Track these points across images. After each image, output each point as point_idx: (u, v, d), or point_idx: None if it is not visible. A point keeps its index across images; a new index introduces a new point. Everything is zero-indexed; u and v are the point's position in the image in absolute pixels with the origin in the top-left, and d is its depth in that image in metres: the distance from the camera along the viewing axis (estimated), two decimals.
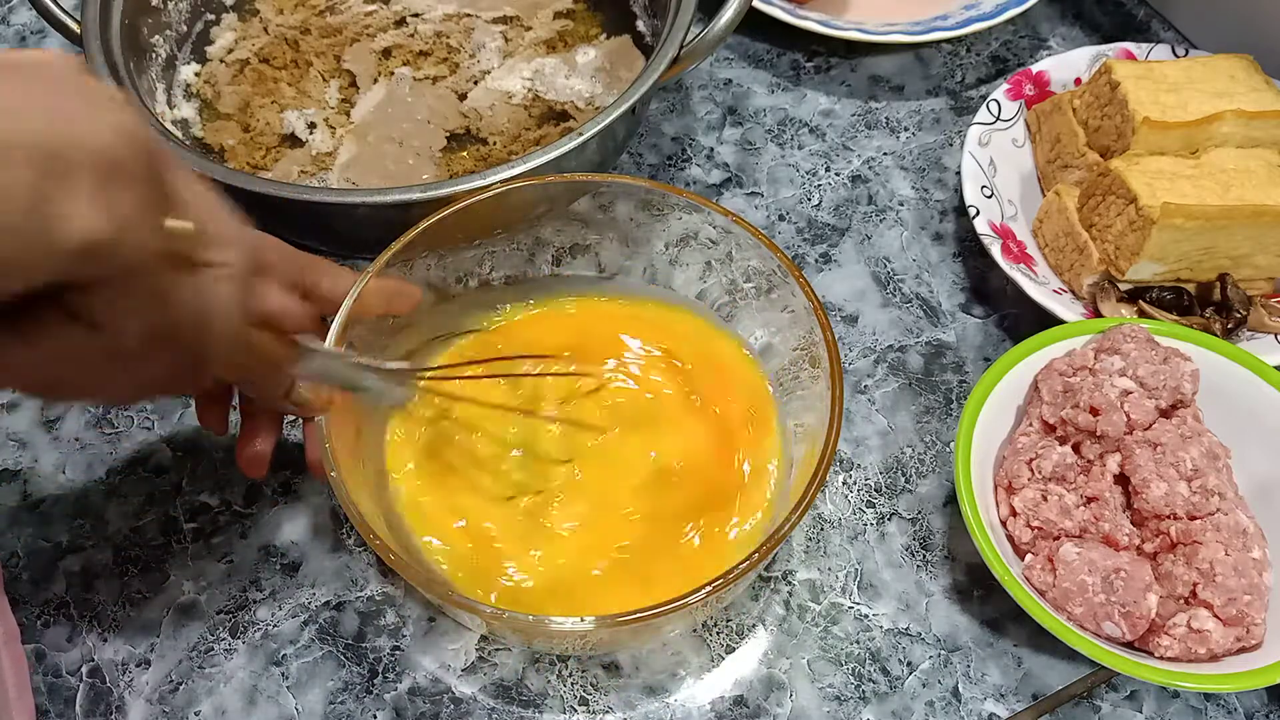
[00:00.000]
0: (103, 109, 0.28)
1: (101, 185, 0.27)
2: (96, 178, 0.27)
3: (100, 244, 0.27)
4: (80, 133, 0.27)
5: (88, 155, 0.27)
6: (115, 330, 0.30)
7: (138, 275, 0.29)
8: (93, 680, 0.50)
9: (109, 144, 0.27)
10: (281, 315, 0.40)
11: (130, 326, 0.30)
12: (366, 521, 0.42)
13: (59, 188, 0.26)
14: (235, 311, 0.34)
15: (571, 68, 0.70)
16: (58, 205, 0.26)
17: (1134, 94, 0.60)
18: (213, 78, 0.70)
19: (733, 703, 0.49)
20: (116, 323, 0.30)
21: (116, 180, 0.27)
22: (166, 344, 0.32)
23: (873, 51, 0.75)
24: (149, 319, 0.30)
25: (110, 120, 0.28)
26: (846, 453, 0.57)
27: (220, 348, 0.34)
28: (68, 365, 0.30)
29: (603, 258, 0.57)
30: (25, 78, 0.27)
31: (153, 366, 0.32)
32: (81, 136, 0.27)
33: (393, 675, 0.50)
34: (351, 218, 0.58)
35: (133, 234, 0.28)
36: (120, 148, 0.27)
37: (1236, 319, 0.57)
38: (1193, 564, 0.46)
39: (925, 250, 0.65)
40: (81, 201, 0.26)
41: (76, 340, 0.29)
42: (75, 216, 0.26)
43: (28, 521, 0.55)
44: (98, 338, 0.30)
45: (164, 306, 0.31)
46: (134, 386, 0.34)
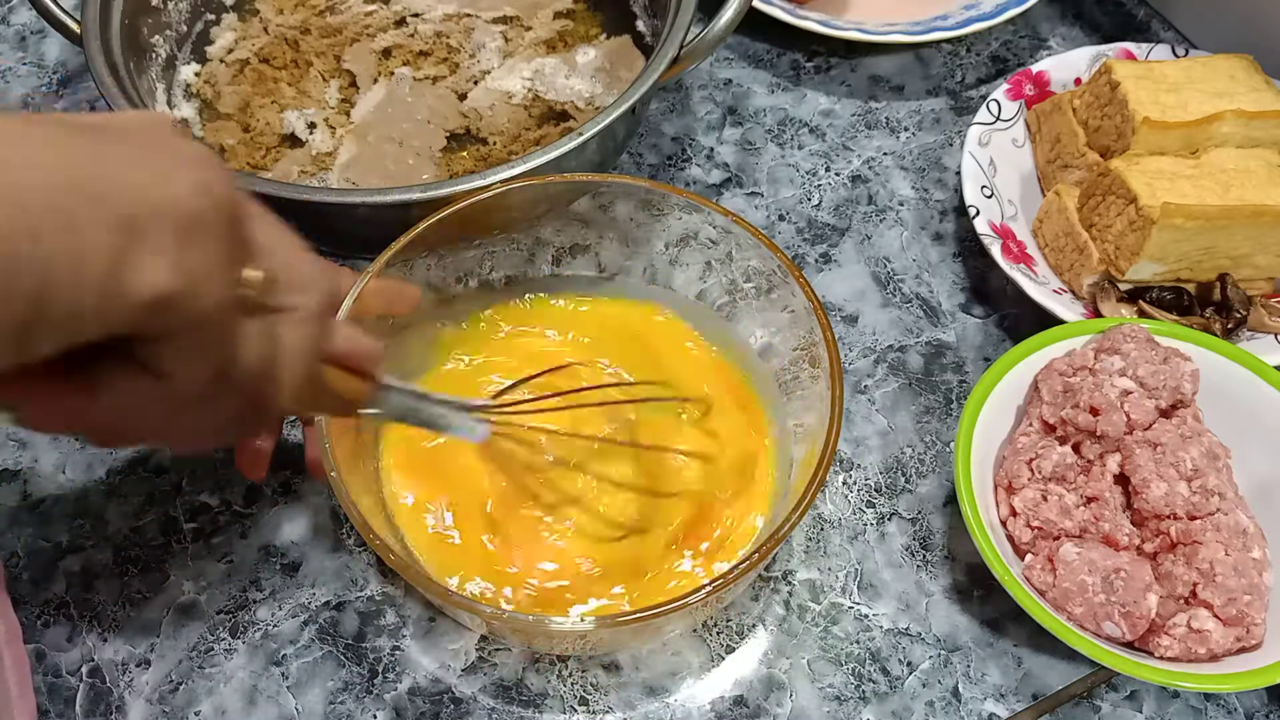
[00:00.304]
0: (186, 167, 0.29)
1: (177, 242, 0.27)
2: (173, 235, 0.27)
3: (170, 298, 0.27)
4: (161, 191, 0.27)
5: (166, 213, 0.27)
6: (182, 380, 0.30)
7: (207, 327, 0.29)
8: (93, 680, 0.50)
9: (188, 202, 0.28)
10: (358, 354, 0.40)
11: (197, 376, 0.30)
12: (366, 521, 0.42)
13: (136, 244, 0.26)
14: (307, 355, 0.34)
15: (571, 68, 0.70)
16: (132, 260, 0.26)
17: (1134, 94, 0.60)
18: (213, 78, 0.70)
19: (733, 703, 0.49)
20: (183, 373, 0.30)
21: (193, 237, 0.28)
22: (234, 391, 0.32)
23: (873, 51, 0.74)
24: (216, 368, 0.31)
25: (191, 178, 0.28)
26: (846, 453, 0.57)
27: (290, 390, 0.34)
28: (133, 413, 0.31)
29: (603, 258, 0.57)
30: (113, 139, 0.28)
31: (220, 413, 0.33)
32: (162, 194, 0.27)
33: (393, 675, 0.50)
34: (351, 218, 0.58)
35: (204, 288, 0.28)
36: (199, 205, 0.28)
37: (1236, 319, 0.57)
38: (1193, 564, 0.46)
39: (925, 250, 0.65)
40: (156, 257, 0.27)
41: (143, 390, 0.30)
42: (148, 272, 0.27)
43: (28, 521, 0.55)
44: (164, 387, 0.30)
45: (232, 355, 0.31)
46: (200, 431, 0.34)
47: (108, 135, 0.28)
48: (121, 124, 0.29)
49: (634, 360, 0.55)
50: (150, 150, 0.28)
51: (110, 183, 0.27)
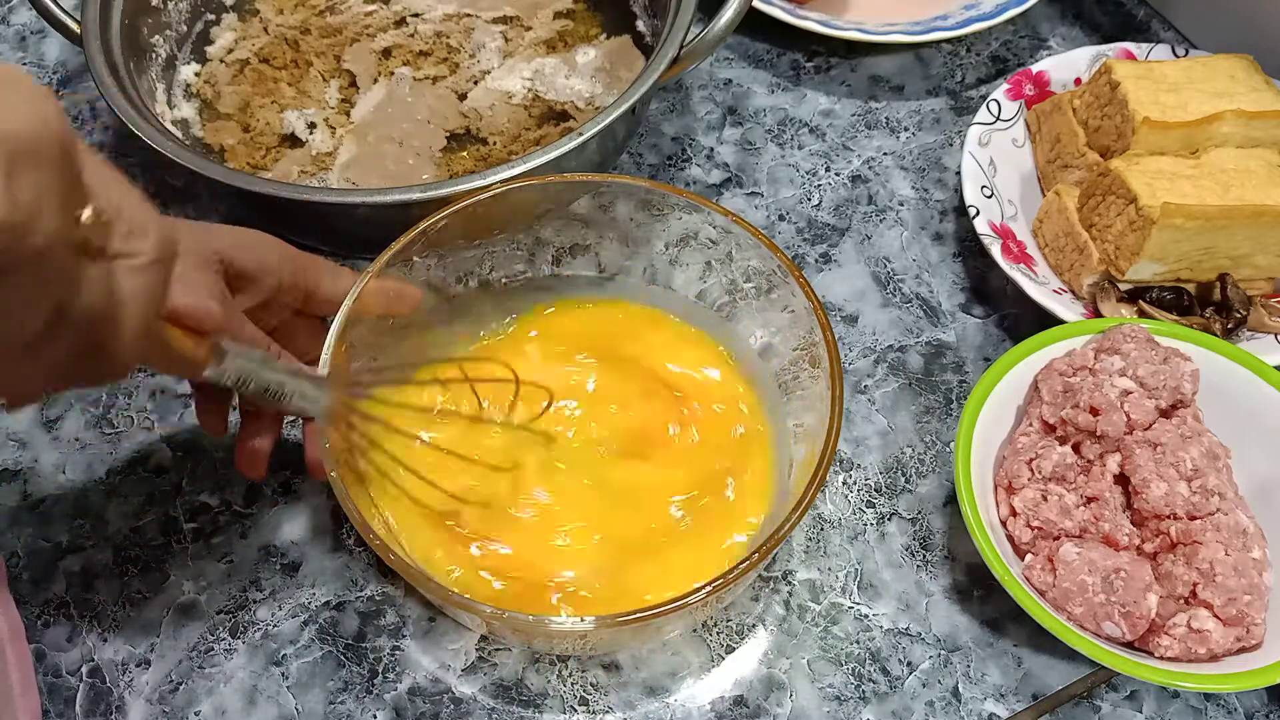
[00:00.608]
0: (19, 97, 0.28)
1: (7, 170, 0.27)
2: (4, 163, 0.27)
3: (4, 227, 0.27)
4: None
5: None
6: (16, 317, 0.29)
7: (42, 261, 0.29)
8: (93, 680, 0.50)
9: (19, 130, 0.27)
10: (197, 312, 0.39)
11: (31, 313, 0.30)
12: (366, 521, 0.42)
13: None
14: (144, 301, 0.33)
15: (571, 68, 0.70)
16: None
17: (1134, 94, 0.60)
18: (213, 78, 0.70)
19: (733, 703, 0.49)
20: (17, 309, 0.29)
21: (25, 166, 0.27)
22: (70, 332, 0.31)
23: (873, 51, 0.75)
24: (51, 306, 0.30)
25: (25, 109, 0.28)
26: (846, 453, 0.57)
27: (129, 339, 0.33)
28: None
29: (603, 258, 0.57)
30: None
31: (55, 354, 0.32)
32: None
33: (393, 675, 0.50)
34: (351, 218, 0.58)
35: (38, 219, 0.28)
36: (31, 134, 0.27)
37: (1236, 319, 0.57)
38: (1193, 564, 0.46)
39: (925, 250, 0.65)
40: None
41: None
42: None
43: (28, 521, 0.55)
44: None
45: (67, 294, 0.30)
46: (36, 376, 0.33)
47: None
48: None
49: None
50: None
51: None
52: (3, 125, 0.27)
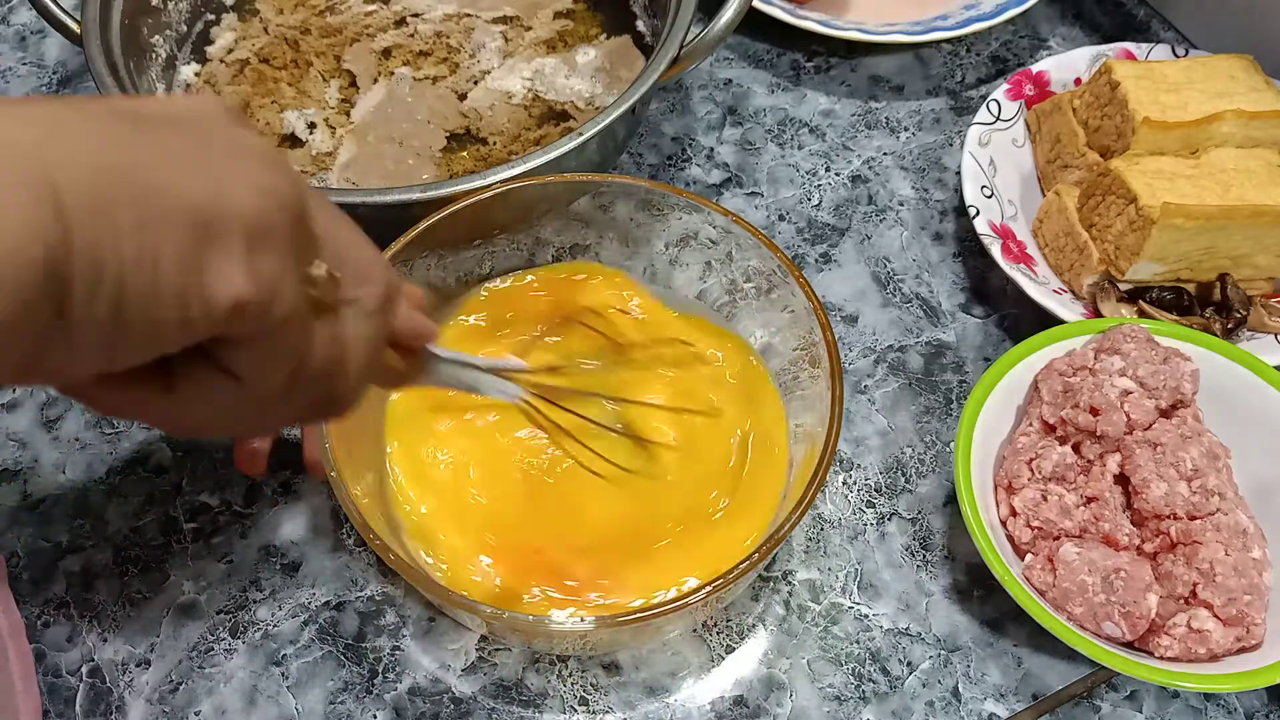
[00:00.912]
0: (252, 167, 0.28)
1: (249, 247, 0.27)
2: (244, 239, 0.27)
3: (249, 304, 0.27)
4: (231, 196, 0.27)
5: (238, 219, 0.27)
6: (259, 382, 0.30)
7: (283, 330, 0.29)
8: (93, 680, 0.50)
9: (255, 205, 0.27)
10: (416, 333, 0.40)
11: (274, 377, 0.30)
12: (366, 521, 0.42)
13: (209, 247, 0.26)
14: (373, 346, 0.34)
15: (571, 68, 0.70)
16: (211, 267, 0.26)
17: (1134, 94, 0.60)
18: (213, 78, 0.70)
19: (733, 703, 0.49)
20: (260, 376, 0.30)
21: (263, 241, 0.27)
22: (308, 386, 0.32)
23: (873, 51, 0.75)
24: (291, 368, 0.31)
25: (259, 181, 0.28)
26: (846, 453, 0.57)
27: (359, 378, 0.34)
28: (210, 411, 0.30)
29: (603, 258, 0.57)
30: (175, 133, 0.27)
31: (293, 407, 0.32)
32: (232, 200, 0.27)
33: (393, 675, 0.50)
34: (352, 218, 0.58)
35: (279, 292, 0.28)
36: (266, 209, 0.27)
37: (1236, 319, 0.57)
38: (1193, 564, 0.46)
39: (925, 250, 0.65)
40: (232, 265, 0.26)
41: (220, 391, 0.30)
42: (226, 280, 0.26)
43: (28, 521, 0.55)
44: (242, 389, 0.30)
45: (306, 355, 0.31)
46: (273, 424, 0.35)
47: (155, 124, 0.27)
48: (169, 111, 0.28)
49: None
50: (205, 144, 0.27)
51: (168, 179, 0.26)
52: (244, 199, 0.27)
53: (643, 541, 0.49)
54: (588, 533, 0.49)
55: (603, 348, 0.54)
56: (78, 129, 0.25)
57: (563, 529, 0.49)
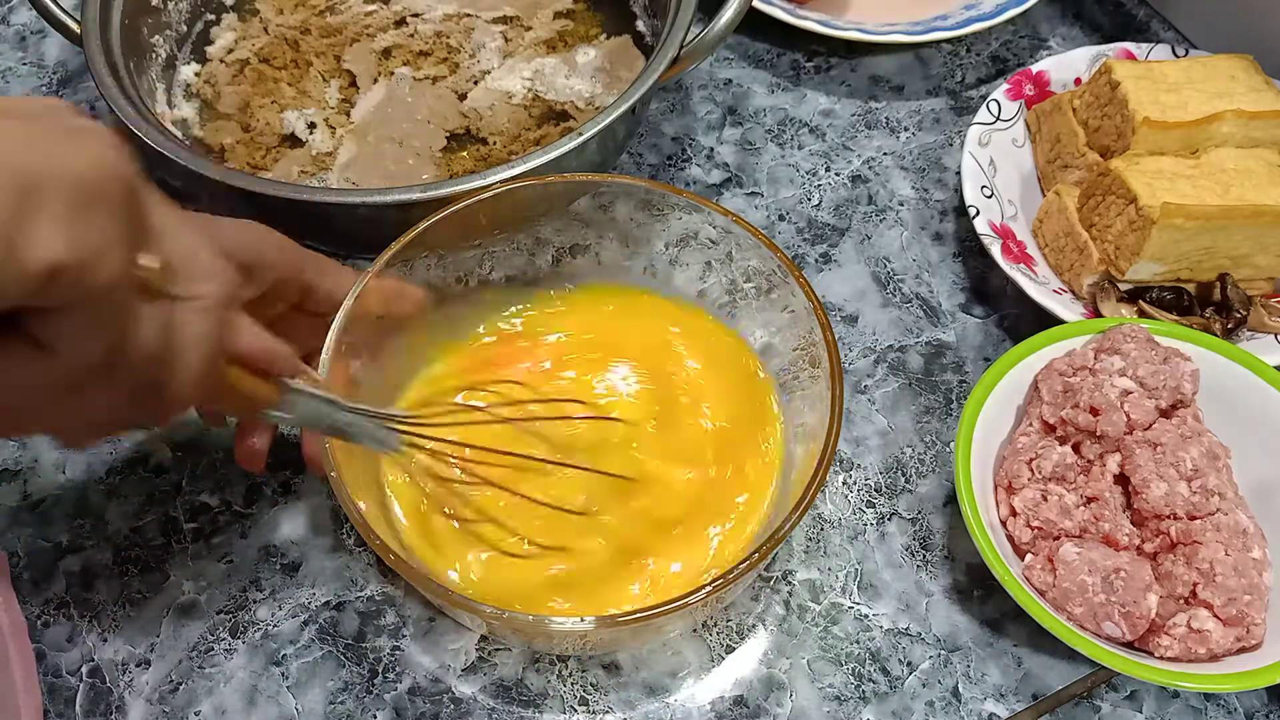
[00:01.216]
0: (84, 142, 0.29)
1: (73, 213, 0.27)
2: (68, 205, 0.27)
3: (65, 268, 0.27)
4: (56, 162, 0.27)
5: (61, 183, 0.27)
6: (71, 354, 0.30)
7: (100, 302, 0.29)
8: (93, 680, 0.50)
9: (84, 173, 0.28)
10: (264, 355, 0.39)
11: (87, 351, 0.30)
12: (366, 521, 0.42)
13: (30, 213, 0.26)
14: (205, 346, 0.34)
15: (571, 68, 0.70)
16: (27, 229, 0.26)
17: (1134, 94, 0.60)
18: (213, 78, 0.70)
19: (733, 703, 0.49)
20: (73, 347, 0.30)
21: (88, 209, 0.28)
22: (125, 374, 0.32)
23: (873, 51, 0.75)
24: (107, 345, 0.30)
25: (89, 152, 0.28)
26: (846, 453, 0.57)
27: (187, 382, 0.34)
28: (18, 392, 0.30)
29: (603, 258, 0.57)
30: (21, 117, 0.28)
31: (109, 397, 0.32)
32: (57, 166, 0.27)
33: (393, 675, 0.50)
34: (351, 218, 0.58)
35: (99, 262, 0.28)
36: (95, 177, 0.28)
37: (1236, 319, 0.57)
38: (1193, 564, 0.46)
39: (925, 250, 0.65)
40: (51, 226, 0.27)
41: (30, 365, 0.29)
42: (42, 241, 0.27)
43: (28, 521, 0.55)
44: (52, 363, 0.29)
45: (125, 335, 0.31)
46: (90, 417, 0.33)
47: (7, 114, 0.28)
48: (21, 105, 0.30)
49: None
50: (48, 126, 0.28)
51: (5, 153, 0.27)
52: (70, 167, 0.28)
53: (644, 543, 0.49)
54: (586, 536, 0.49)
55: None
56: None
57: (559, 533, 0.49)
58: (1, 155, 0.27)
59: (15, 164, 0.27)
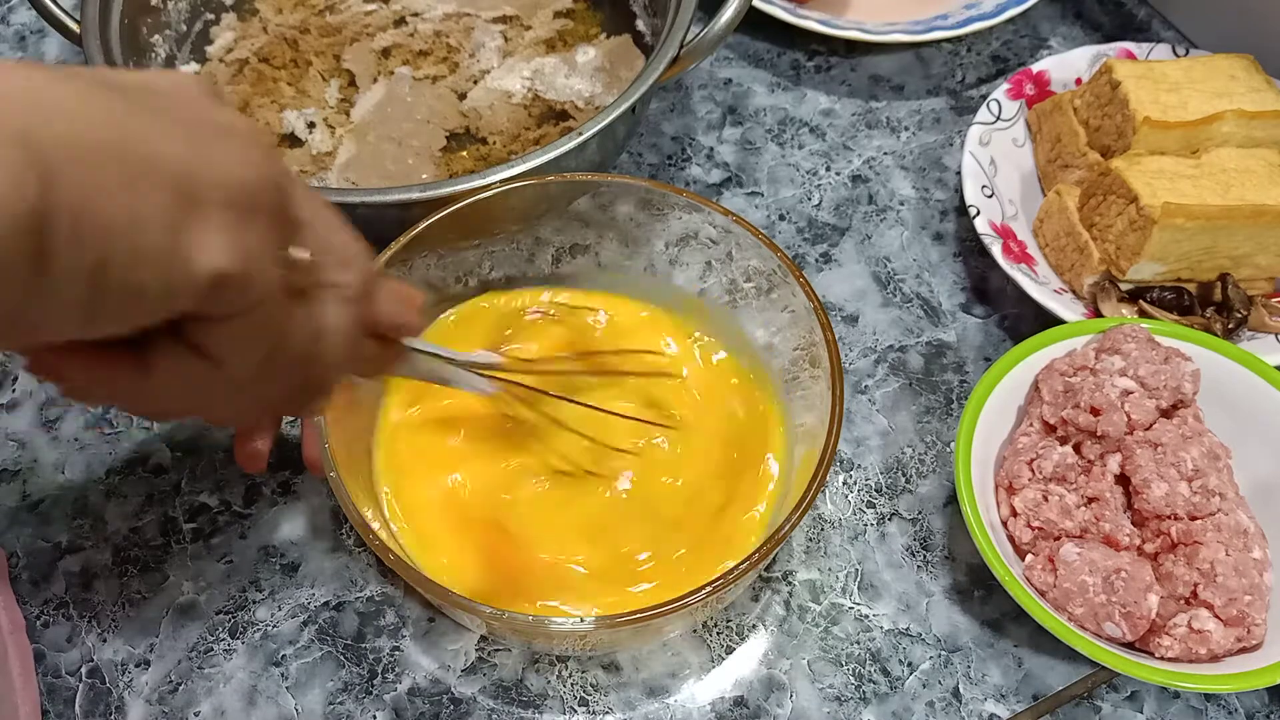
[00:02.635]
0: (236, 141, 0.28)
1: (233, 219, 0.27)
2: (228, 210, 0.26)
3: (230, 277, 0.26)
4: (215, 165, 0.27)
5: (222, 189, 0.26)
6: (234, 363, 0.29)
7: (261, 309, 0.29)
8: (92, 680, 0.50)
9: (242, 178, 0.27)
10: (392, 324, 0.39)
11: (249, 359, 0.30)
12: (366, 522, 0.42)
13: (195, 215, 0.26)
14: (350, 332, 0.34)
15: (571, 67, 0.70)
16: (193, 236, 0.26)
17: (1134, 94, 0.60)
18: (212, 77, 0.70)
19: (733, 703, 0.49)
20: (236, 356, 0.29)
21: (247, 214, 0.27)
22: (282, 371, 0.32)
23: (873, 51, 0.74)
24: (267, 350, 0.30)
25: (243, 154, 0.28)
26: (847, 453, 0.57)
27: (337, 368, 0.34)
28: (182, 393, 0.30)
29: (603, 257, 0.57)
30: (162, 103, 0.27)
31: (267, 392, 0.32)
32: (216, 169, 0.26)
33: (392, 675, 0.50)
34: (351, 218, 0.57)
35: (260, 268, 0.28)
36: (251, 181, 0.27)
37: (1237, 319, 0.57)
38: (1193, 564, 0.46)
39: (926, 250, 0.65)
40: (215, 235, 0.26)
41: (193, 372, 0.29)
42: (209, 249, 0.26)
43: (27, 521, 0.55)
44: (214, 369, 0.29)
45: (281, 338, 0.31)
46: (246, 410, 0.33)
47: (138, 93, 0.27)
48: (150, 83, 0.28)
49: None
50: (187, 116, 0.27)
51: (156, 146, 0.25)
52: (229, 172, 0.27)
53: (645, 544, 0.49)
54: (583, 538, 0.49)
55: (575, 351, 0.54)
56: (63, 90, 0.24)
57: (557, 535, 0.49)
58: (161, 158, 0.25)
59: (175, 168, 0.26)
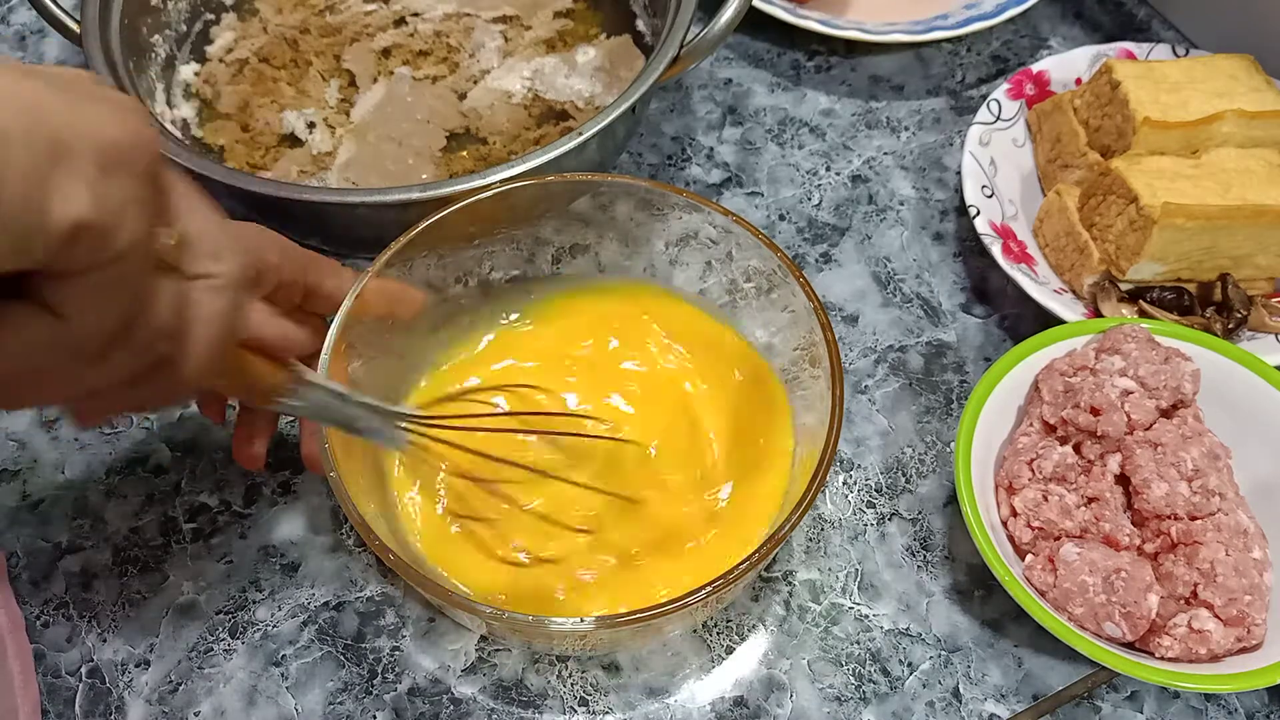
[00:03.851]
0: (113, 108, 0.29)
1: (100, 174, 0.28)
2: (97, 165, 0.28)
3: (87, 227, 0.27)
4: (87, 125, 0.28)
5: (91, 144, 0.28)
6: (83, 322, 0.29)
7: (117, 269, 0.29)
8: (92, 680, 0.50)
9: (113, 136, 0.28)
10: (278, 338, 0.39)
11: (100, 320, 0.30)
12: (366, 521, 0.42)
13: (58, 170, 0.27)
14: (218, 324, 0.34)
15: (571, 67, 0.70)
16: (54, 186, 0.27)
17: (1135, 94, 0.60)
18: (212, 77, 0.70)
19: (733, 703, 0.49)
20: (86, 314, 0.29)
21: (116, 171, 0.28)
22: (136, 345, 0.32)
23: (873, 51, 0.74)
24: (120, 315, 0.30)
25: (118, 117, 0.29)
26: (847, 453, 0.57)
27: (199, 359, 0.34)
28: (26, 357, 0.30)
29: (603, 257, 0.57)
30: (41, 78, 0.28)
31: (119, 370, 0.32)
32: (87, 128, 0.28)
33: (392, 675, 0.50)
34: (351, 218, 0.58)
35: (121, 224, 0.28)
36: (123, 139, 0.29)
37: (1237, 319, 0.57)
38: (1193, 564, 0.46)
39: (926, 250, 0.65)
40: (78, 184, 0.27)
41: (40, 331, 0.29)
42: (70, 197, 0.27)
43: (27, 521, 0.54)
44: (63, 330, 0.29)
45: (139, 305, 0.31)
46: (99, 391, 0.33)
47: (38, 75, 0.29)
48: (49, 71, 0.30)
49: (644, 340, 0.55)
50: (77, 90, 0.29)
51: (37, 109, 0.27)
52: (99, 130, 0.28)
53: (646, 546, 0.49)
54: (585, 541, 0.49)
55: None
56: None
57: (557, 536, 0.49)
58: (35, 113, 0.27)
59: (49, 123, 0.27)
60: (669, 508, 0.50)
